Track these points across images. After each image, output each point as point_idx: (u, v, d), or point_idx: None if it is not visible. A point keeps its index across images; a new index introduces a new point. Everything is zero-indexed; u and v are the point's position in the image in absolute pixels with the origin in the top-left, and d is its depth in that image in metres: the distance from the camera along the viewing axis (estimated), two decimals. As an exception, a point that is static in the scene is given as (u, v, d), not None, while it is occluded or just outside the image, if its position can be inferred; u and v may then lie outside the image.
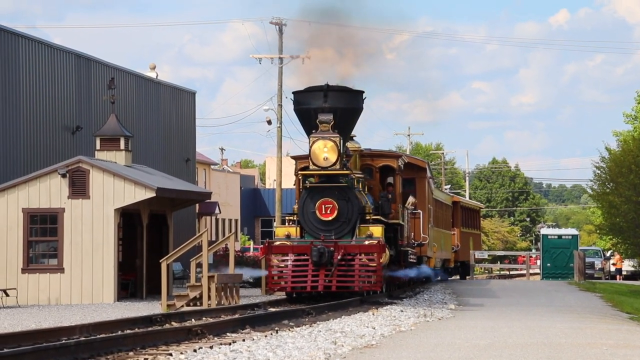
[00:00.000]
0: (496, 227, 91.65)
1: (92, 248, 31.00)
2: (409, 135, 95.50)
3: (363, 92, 27.91)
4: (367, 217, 27.44)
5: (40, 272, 31.08)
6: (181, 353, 14.39)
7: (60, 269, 31.06)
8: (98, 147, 34.38)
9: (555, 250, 55.28)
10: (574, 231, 61.26)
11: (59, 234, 31.06)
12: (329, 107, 26.87)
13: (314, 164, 26.69)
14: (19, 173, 33.29)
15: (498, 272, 76.86)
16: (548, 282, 47.35)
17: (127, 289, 33.43)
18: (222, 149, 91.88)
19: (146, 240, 33.78)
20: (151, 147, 43.45)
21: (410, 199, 33.29)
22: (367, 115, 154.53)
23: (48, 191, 31.19)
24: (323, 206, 26.77)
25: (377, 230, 27.04)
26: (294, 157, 30.28)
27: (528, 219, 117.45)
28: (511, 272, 75.25)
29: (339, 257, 26.00)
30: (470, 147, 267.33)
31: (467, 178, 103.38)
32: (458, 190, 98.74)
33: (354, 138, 30.15)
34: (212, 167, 72.41)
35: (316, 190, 27.04)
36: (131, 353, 14.70)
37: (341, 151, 26.68)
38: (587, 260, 54.81)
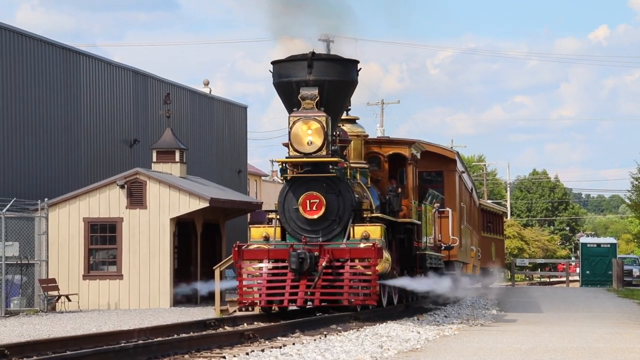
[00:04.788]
0: (536, 235, 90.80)
1: (149, 255, 31.21)
2: (452, 147, 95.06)
3: (357, 61, 22.40)
4: (365, 215, 22.16)
5: (100, 278, 31.35)
6: (234, 356, 14.41)
7: (119, 275, 31.30)
8: (154, 159, 34.66)
9: (594, 258, 54.72)
10: (612, 240, 60.62)
11: (118, 242, 31.31)
12: (314, 80, 21.42)
13: (295, 149, 21.38)
14: (80, 184, 33.63)
15: (538, 279, 76.24)
16: (587, 289, 46.82)
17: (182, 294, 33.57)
18: (272, 161, 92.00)
19: (200, 248, 33.95)
20: (205, 159, 43.68)
21: (434, 195, 28.05)
22: (411, 127, 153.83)
23: (107, 201, 31.47)
24: (307, 201, 21.49)
25: (374, 231, 21.61)
26: (286, 144, 22.94)
27: (567, 228, 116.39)
28: (551, 279, 74.59)
29: (323, 264, 20.82)
30: (511, 158, 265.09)
31: (508, 189, 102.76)
32: (499, 200, 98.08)
33: (357, 121, 24.96)
34: (262, 178, 72.60)
35: (299, 182, 21.73)
36: (186, 356, 14.75)
37: (328, 133, 21.36)
38: (625, 267, 54.14)
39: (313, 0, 22.42)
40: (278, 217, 22.11)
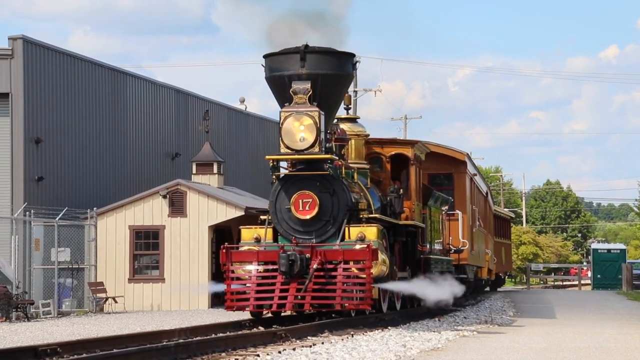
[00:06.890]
0: (550, 242, 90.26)
1: (188, 260, 31.30)
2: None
3: (353, 55, 19.86)
4: (361, 216, 19.65)
5: (144, 281, 31.47)
6: (267, 354, 14.38)
7: (161, 278, 31.41)
8: (194, 171, 34.82)
9: (604, 263, 54.33)
10: (621, 246, 60.18)
11: (160, 248, 31.44)
12: (307, 74, 18.96)
13: (286, 146, 18.88)
14: (126, 194, 33.81)
15: (552, 283, 75.76)
16: (598, 292, 46.46)
17: (219, 296, 33.63)
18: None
19: (236, 254, 33.95)
20: (240, 170, 43.79)
21: (442, 197, 25.64)
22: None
23: (151, 210, 31.60)
24: (300, 201, 19.03)
25: (370, 232, 19.07)
26: None
27: (579, 235, 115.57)
28: (564, 283, 74.08)
29: (315, 266, 18.48)
30: (526, 169, 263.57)
31: (523, 198, 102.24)
32: (515, 209, 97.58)
33: (358, 120, 22.50)
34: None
35: (292, 180, 19.33)
36: (223, 354, 14.74)
37: (322, 130, 18.81)
38: (635, 272, 53.69)
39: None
40: (270, 217, 19.55)
